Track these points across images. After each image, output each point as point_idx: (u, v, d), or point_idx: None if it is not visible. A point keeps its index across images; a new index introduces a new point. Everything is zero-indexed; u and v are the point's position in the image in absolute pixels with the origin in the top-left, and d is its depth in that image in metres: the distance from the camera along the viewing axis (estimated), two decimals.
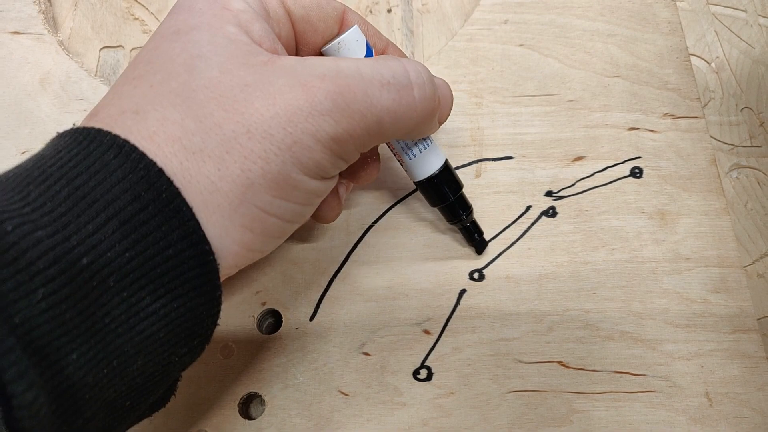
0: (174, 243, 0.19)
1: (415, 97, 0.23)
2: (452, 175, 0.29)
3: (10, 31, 0.37)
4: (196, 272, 0.20)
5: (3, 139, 0.34)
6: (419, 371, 0.29)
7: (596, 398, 0.29)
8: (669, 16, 0.37)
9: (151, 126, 0.20)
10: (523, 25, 0.37)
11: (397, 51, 0.29)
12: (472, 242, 0.31)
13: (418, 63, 0.24)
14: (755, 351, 0.29)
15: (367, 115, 0.22)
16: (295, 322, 0.30)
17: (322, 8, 0.26)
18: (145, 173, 0.19)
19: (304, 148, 0.21)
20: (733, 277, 0.31)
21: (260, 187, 0.21)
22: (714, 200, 0.32)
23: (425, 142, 0.28)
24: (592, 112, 0.34)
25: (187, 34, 0.22)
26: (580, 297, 0.30)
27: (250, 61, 0.21)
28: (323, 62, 0.22)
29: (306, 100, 0.21)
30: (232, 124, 0.20)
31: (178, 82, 0.21)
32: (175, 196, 0.19)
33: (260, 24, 0.23)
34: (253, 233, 0.21)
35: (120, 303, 0.18)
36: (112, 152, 0.19)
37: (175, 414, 0.28)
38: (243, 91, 0.21)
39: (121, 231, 0.18)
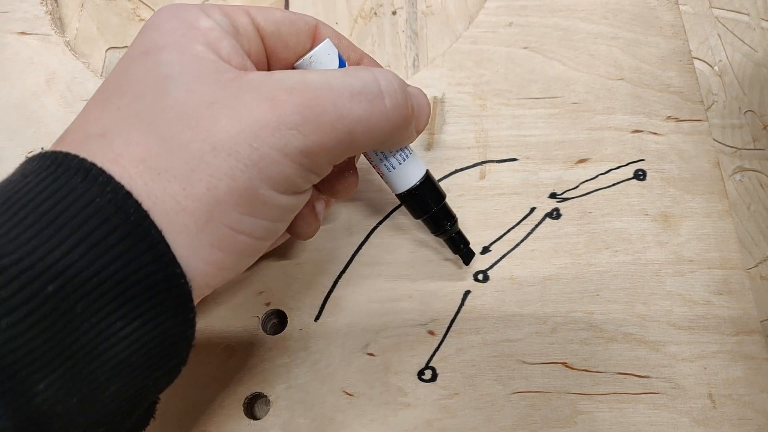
0: (144, 266, 0.19)
1: (387, 105, 0.23)
2: (434, 185, 0.28)
3: (17, 32, 0.37)
4: (168, 294, 0.20)
5: (8, 140, 0.34)
6: (424, 372, 0.29)
7: (600, 399, 0.29)
8: (672, 20, 0.37)
9: (117, 149, 0.20)
10: (527, 28, 0.37)
11: (371, 63, 0.29)
12: (458, 252, 0.30)
13: (389, 72, 0.24)
14: (758, 353, 0.29)
15: (338, 126, 0.22)
16: (300, 322, 0.30)
17: (293, 23, 0.26)
18: (113, 196, 0.19)
19: (272, 163, 0.21)
20: (736, 279, 0.31)
21: (227, 205, 0.20)
22: (717, 203, 0.32)
23: (404, 153, 0.27)
24: (596, 115, 0.35)
25: (155, 55, 0.22)
26: (583, 298, 0.31)
27: (218, 78, 0.21)
28: (291, 75, 0.22)
29: (273, 115, 0.21)
30: (198, 143, 0.20)
31: (144, 103, 0.21)
32: (144, 219, 0.19)
33: (229, 41, 0.23)
34: (222, 252, 0.21)
35: (90, 328, 0.18)
36: (80, 176, 0.19)
37: (179, 414, 0.29)
38: (209, 109, 0.20)
39: (89, 256, 0.18)
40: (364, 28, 0.40)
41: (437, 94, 0.35)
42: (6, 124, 0.35)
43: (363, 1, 0.41)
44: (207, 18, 0.23)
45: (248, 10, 0.25)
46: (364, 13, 0.40)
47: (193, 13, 0.23)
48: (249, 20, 0.24)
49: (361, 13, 0.40)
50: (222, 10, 0.24)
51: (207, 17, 0.23)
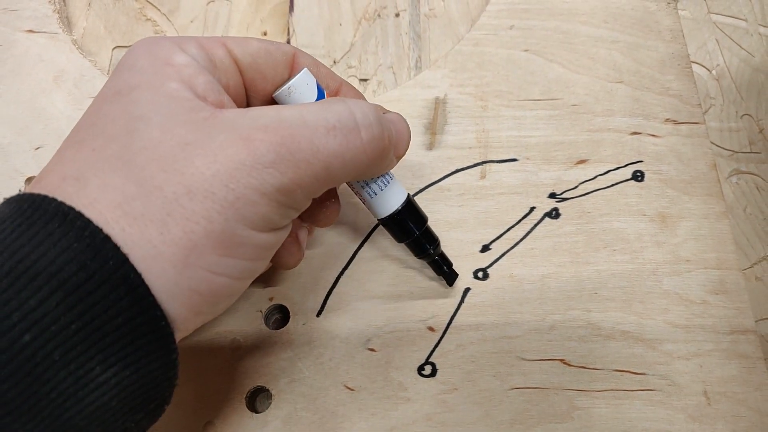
0: (123, 310, 0.19)
1: (363, 138, 0.23)
2: (415, 209, 0.29)
3: (26, 30, 0.38)
4: (149, 338, 0.20)
5: (17, 135, 0.35)
6: (424, 367, 0.30)
7: (597, 396, 0.29)
8: (671, 24, 0.38)
9: (92, 193, 0.20)
10: (529, 30, 0.38)
11: (351, 90, 0.29)
12: (441, 274, 0.30)
13: (365, 103, 0.24)
14: (753, 352, 0.30)
15: (314, 162, 0.21)
16: (302, 317, 0.31)
17: (271, 54, 0.25)
18: (91, 241, 0.19)
19: (248, 203, 0.20)
20: (732, 279, 0.31)
21: (205, 248, 0.20)
22: (714, 204, 0.33)
23: (385, 179, 0.27)
24: (595, 117, 0.35)
25: (128, 95, 0.21)
26: (582, 297, 0.31)
27: (191, 117, 0.21)
28: (265, 112, 0.22)
29: (248, 154, 0.20)
30: (173, 186, 0.20)
31: (118, 144, 0.20)
32: (123, 263, 0.19)
33: (204, 77, 0.22)
34: (201, 295, 0.21)
35: (67, 376, 0.18)
36: (57, 221, 0.19)
37: (183, 406, 0.29)
38: (183, 150, 0.20)
39: (66, 303, 0.18)
40: (368, 29, 0.40)
41: (439, 95, 0.36)
42: (15, 120, 0.35)
43: (367, 3, 0.41)
44: (182, 53, 0.22)
45: (225, 42, 0.24)
46: (368, 15, 0.41)
47: (168, 49, 0.22)
48: (226, 52, 0.24)
49: (365, 15, 0.41)
50: (198, 43, 0.23)
51: (182, 52, 0.22)
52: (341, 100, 0.23)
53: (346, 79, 0.38)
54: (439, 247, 0.30)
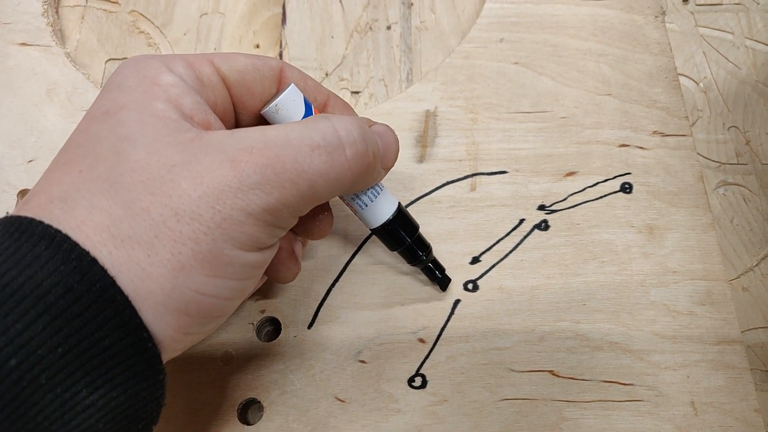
0: (110, 333, 0.19)
1: (348, 155, 0.23)
2: (406, 218, 0.29)
3: (19, 43, 0.38)
4: (136, 359, 0.20)
5: (10, 148, 0.35)
6: (414, 379, 0.30)
7: (585, 407, 0.29)
8: (659, 37, 0.38)
9: (79, 215, 0.20)
10: (518, 43, 0.38)
11: (339, 103, 0.29)
12: (434, 280, 0.31)
13: (350, 119, 0.24)
14: (739, 362, 0.30)
15: (299, 182, 0.22)
16: (294, 329, 0.31)
17: (258, 70, 0.26)
18: (78, 263, 0.19)
19: (235, 224, 0.21)
20: (719, 290, 0.32)
21: (192, 269, 0.20)
22: (701, 216, 0.33)
23: (374, 190, 0.27)
24: (584, 129, 0.36)
25: (116, 115, 0.22)
26: (570, 308, 0.31)
27: (177, 139, 0.21)
28: (251, 134, 0.22)
29: (234, 176, 0.21)
30: (160, 208, 0.20)
31: (105, 166, 0.21)
32: (109, 286, 0.19)
33: (191, 97, 0.23)
34: (189, 316, 0.21)
35: (54, 399, 0.18)
36: (44, 243, 0.19)
37: (174, 419, 0.29)
38: (170, 172, 0.20)
39: (53, 326, 0.18)
40: (360, 42, 0.41)
41: (430, 108, 0.36)
42: (8, 132, 0.36)
43: (359, 16, 0.42)
44: (169, 73, 0.23)
45: (212, 60, 0.25)
46: (360, 28, 0.41)
47: (155, 69, 0.23)
48: (213, 70, 0.24)
49: (357, 28, 0.41)
50: (186, 62, 0.24)
51: (169, 72, 0.23)
52: (326, 117, 0.24)
53: (338, 92, 0.39)
54: (432, 253, 0.30)
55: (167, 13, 0.42)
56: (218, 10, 0.42)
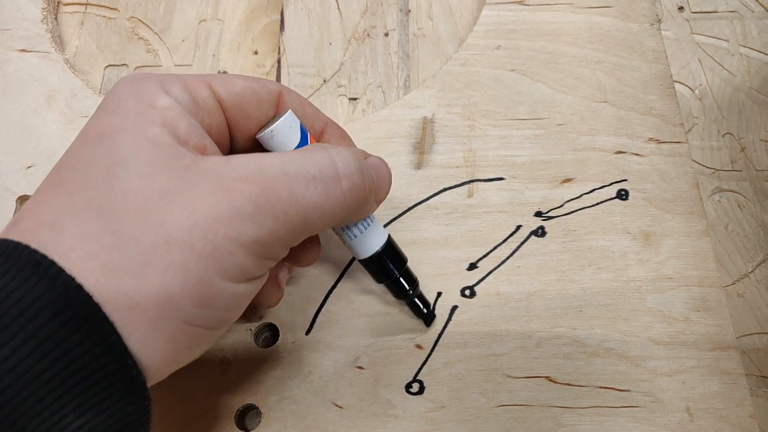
0: (96, 358, 0.19)
1: (344, 188, 0.23)
2: (395, 251, 0.29)
3: (18, 49, 0.38)
4: (121, 385, 0.20)
5: (9, 155, 0.35)
6: (411, 385, 0.30)
7: (582, 413, 0.30)
8: (654, 45, 0.38)
9: (68, 241, 0.20)
10: (515, 51, 0.38)
11: (336, 131, 0.29)
12: (419, 316, 0.31)
13: (348, 151, 0.24)
14: (734, 368, 0.30)
15: (292, 213, 0.22)
16: (292, 335, 0.31)
17: (256, 93, 0.25)
18: (63, 290, 0.19)
19: (226, 254, 0.20)
20: (714, 296, 0.32)
21: (181, 299, 0.20)
22: (696, 222, 0.34)
23: (365, 222, 0.27)
24: (581, 136, 0.36)
25: (110, 138, 0.21)
26: (567, 314, 0.32)
27: (172, 164, 0.21)
28: (247, 162, 0.22)
29: (227, 205, 0.20)
30: (151, 236, 0.20)
31: (97, 191, 0.20)
32: (94, 312, 0.19)
33: (187, 120, 0.22)
34: (175, 346, 0.21)
35: (41, 423, 0.18)
36: (30, 268, 0.19)
37: (172, 426, 0.29)
38: (162, 199, 0.20)
39: (40, 350, 0.18)
40: (358, 48, 0.41)
41: (427, 115, 0.36)
42: (7, 139, 0.36)
43: (356, 23, 0.42)
44: (165, 95, 0.22)
45: (209, 82, 0.24)
46: (358, 35, 0.42)
47: (152, 90, 0.22)
48: (210, 93, 0.24)
49: (355, 35, 0.42)
50: (182, 84, 0.23)
51: (165, 94, 0.22)
52: (324, 148, 0.24)
53: (335, 98, 0.39)
54: (418, 288, 0.30)
55: (166, 19, 0.42)
56: (217, 16, 0.42)
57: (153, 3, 0.43)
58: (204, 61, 0.41)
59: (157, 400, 0.29)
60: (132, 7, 0.43)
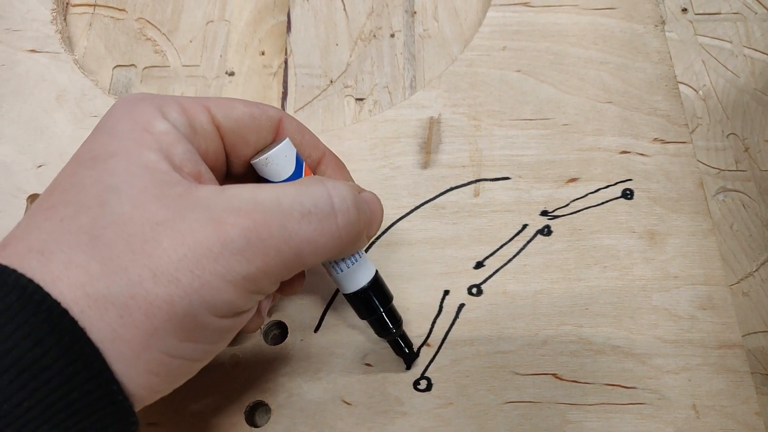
0: (79, 386, 0.19)
1: (339, 224, 0.22)
2: (381, 288, 0.28)
3: (28, 50, 0.39)
4: (106, 411, 0.20)
5: (20, 154, 0.36)
6: (419, 382, 0.30)
7: (589, 409, 0.30)
8: (659, 46, 0.39)
9: (55, 270, 0.19)
10: (520, 52, 0.39)
11: (333, 161, 0.28)
12: (401, 355, 0.30)
13: (344, 185, 0.23)
14: (740, 366, 0.31)
15: (284, 249, 0.21)
16: (300, 333, 0.31)
17: (255, 119, 0.25)
18: (47, 315, 0.18)
19: (213, 290, 0.20)
20: (719, 295, 0.32)
21: (165, 333, 0.20)
22: (701, 221, 0.34)
23: (354, 257, 0.27)
24: (586, 136, 0.36)
25: (104, 162, 0.21)
26: (573, 312, 0.32)
27: (165, 192, 0.21)
28: (241, 193, 0.21)
29: (217, 239, 0.20)
30: (138, 268, 0.20)
31: (88, 217, 0.20)
32: (79, 338, 0.19)
33: (183, 146, 0.22)
34: (158, 377, 0.21)
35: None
36: (15, 294, 0.18)
37: (183, 421, 0.29)
38: (153, 230, 0.20)
39: (20, 380, 0.18)
40: (364, 49, 0.41)
41: (434, 115, 0.37)
42: (18, 138, 0.36)
43: (363, 24, 0.42)
44: (162, 120, 0.22)
45: (208, 106, 0.24)
46: (364, 36, 0.42)
47: (148, 114, 0.22)
48: (208, 118, 0.24)
49: (361, 36, 0.42)
50: (180, 107, 0.23)
51: (162, 119, 0.22)
52: (320, 181, 0.23)
53: (342, 99, 0.40)
54: (401, 327, 0.29)
55: (174, 20, 0.43)
56: (224, 17, 0.43)
57: (161, 4, 0.43)
58: (211, 62, 0.41)
59: (165, 397, 0.30)
60: (140, 8, 0.43)
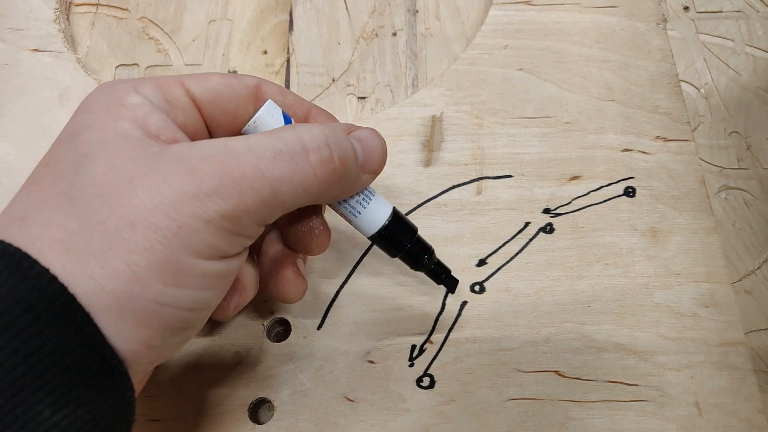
0: (72, 351, 0.19)
1: (312, 162, 0.23)
2: (403, 221, 0.28)
3: (31, 49, 0.39)
4: (100, 377, 0.19)
5: (22, 152, 0.36)
6: (422, 379, 0.30)
7: (591, 406, 0.30)
8: (661, 44, 0.39)
9: (34, 232, 0.20)
10: (523, 50, 0.39)
11: (321, 114, 0.29)
12: (441, 283, 0.30)
13: (317, 127, 0.24)
14: (743, 363, 0.31)
15: (259, 187, 0.21)
16: (303, 330, 0.31)
17: (232, 88, 0.26)
18: (36, 281, 0.19)
19: (192, 232, 0.20)
20: (722, 292, 0.32)
21: (149, 279, 0.20)
22: (703, 219, 0.34)
23: (365, 197, 0.27)
24: (588, 134, 0.36)
25: (80, 135, 0.22)
26: (576, 310, 0.32)
27: (140, 153, 0.21)
28: (213, 143, 0.22)
29: (191, 184, 0.20)
30: (115, 219, 0.20)
31: (65, 182, 0.21)
32: (69, 303, 0.19)
33: (158, 116, 0.23)
34: (150, 329, 0.21)
35: (14, 420, 0.18)
36: (3, 262, 0.19)
37: (186, 418, 0.30)
38: (128, 185, 0.20)
39: (11, 345, 0.18)
40: (366, 48, 0.42)
41: (436, 113, 0.37)
42: (21, 136, 0.36)
43: (365, 23, 0.42)
44: (136, 94, 0.23)
45: (182, 81, 0.25)
46: (366, 34, 0.42)
47: (123, 90, 0.23)
48: (183, 91, 0.25)
49: (363, 34, 0.42)
50: (155, 84, 0.24)
51: (136, 93, 0.23)
52: (292, 126, 0.24)
53: (344, 98, 0.40)
54: (434, 256, 0.29)
55: (176, 19, 0.43)
56: (226, 16, 0.43)
57: (163, 3, 0.43)
58: (214, 61, 0.41)
59: (169, 394, 0.30)
60: (143, 8, 0.43)
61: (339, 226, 0.34)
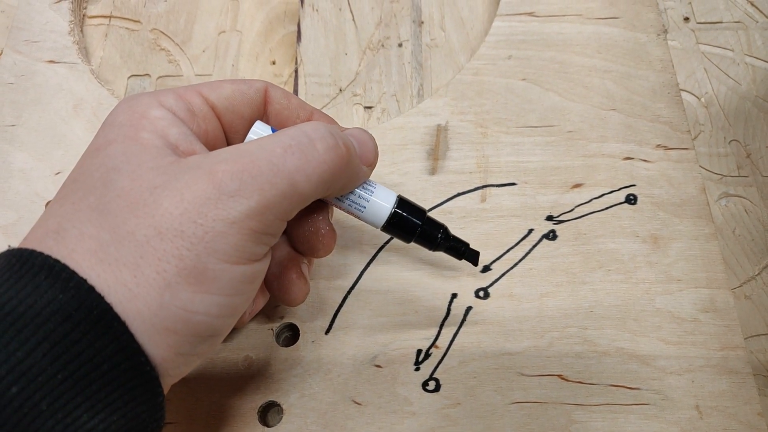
0: (108, 358, 0.20)
1: (319, 150, 0.23)
2: (410, 205, 0.29)
3: (46, 60, 0.40)
4: (134, 383, 0.20)
5: (38, 161, 0.37)
6: (428, 383, 0.31)
7: (594, 410, 0.30)
8: (661, 54, 0.40)
9: (70, 243, 0.21)
10: (526, 60, 0.39)
11: (322, 117, 0.30)
12: (462, 257, 0.30)
13: (316, 122, 0.25)
14: (742, 367, 0.31)
15: (276, 181, 0.22)
16: (312, 335, 0.32)
17: (244, 94, 0.27)
18: (75, 292, 0.20)
19: (218, 235, 0.21)
20: (722, 298, 0.33)
21: (178, 286, 0.21)
22: (704, 226, 0.35)
23: (367, 189, 0.28)
24: (590, 143, 0.37)
25: (105, 149, 0.23)
26: (578, 315, 0.32)
27: (159, 163, 0.22)
28: (225, 150, 0.23)
29: (212, 187, 0.21)
30: (144, 229, 0.21)
31: (95, 196, 0.22)
32: (106, 312, 0.20)
33: (178, 128, 0.24)
34: (178, 335, 0.21)
35: (55, 425, 0.19)
36: (43, 273, 0.20)
37: (197, 420, 0.30)
38: (152, 194, 0.21)
39: (52, 353, 0.19)
40: (372, 59, 0.42)
41: (441, 123, 0.38)
42: (37, 146, 0.37)
43: (371, 34, 0.43)
44: (158, 107, 0.24)
45: (200, 90, 0.26)
46: (372, 45, 0.43)
47: (145, 104, 0.24)
48: (202, 100, 0.26)
49: (370, 45, 0.43)
50: (176, 95, 0.25)
51: (159, 106, 0.24)
52: (294, 126, 0.25)
53: (351, 107, 0.40)
54: (449, 231, 0.29)
55: (187, 31, 0.44)
56: (236, 28, 0.44)
57: (174, 15, 0.44)
58: (224, 71, 0.42)
59: (181, 397, 0.31)
60: (154, 20, 0.44)
61: (346, 233, 0.34)
